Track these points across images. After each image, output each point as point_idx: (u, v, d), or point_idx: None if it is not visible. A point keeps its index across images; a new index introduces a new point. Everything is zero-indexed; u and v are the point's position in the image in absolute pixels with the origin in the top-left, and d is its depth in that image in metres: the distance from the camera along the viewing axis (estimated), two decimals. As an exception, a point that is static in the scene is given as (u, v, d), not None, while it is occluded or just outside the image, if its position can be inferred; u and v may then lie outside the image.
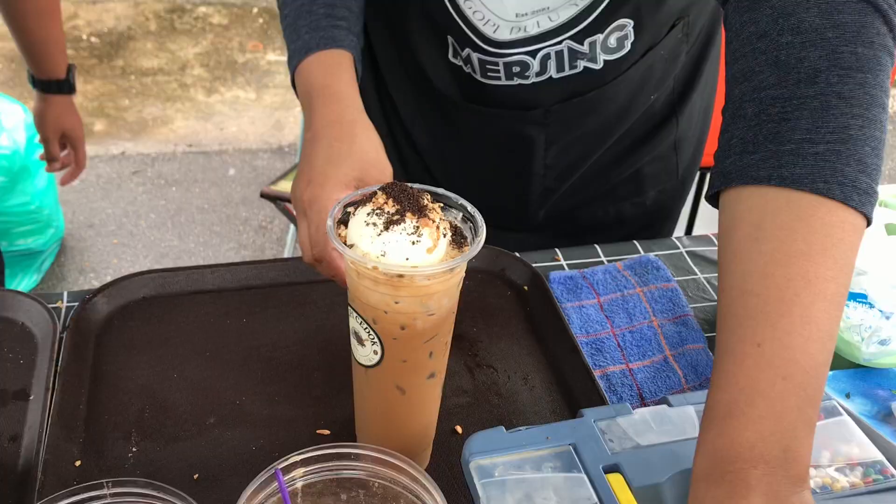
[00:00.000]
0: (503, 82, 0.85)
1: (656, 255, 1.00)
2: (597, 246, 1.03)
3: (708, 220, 2.23)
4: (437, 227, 0.60)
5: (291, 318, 0.88)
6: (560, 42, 0.82)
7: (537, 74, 0.84)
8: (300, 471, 0.59)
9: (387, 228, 0.58)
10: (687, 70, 0.96)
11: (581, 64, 0.83)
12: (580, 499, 0.59)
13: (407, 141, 1.04)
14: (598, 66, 0.83)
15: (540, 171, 0.96)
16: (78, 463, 0.71)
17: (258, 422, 0.76)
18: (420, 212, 0.59)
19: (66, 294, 0.90)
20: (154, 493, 0.56)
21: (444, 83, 0.90)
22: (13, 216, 2.24)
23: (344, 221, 0.62)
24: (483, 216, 0.61)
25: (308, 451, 0.59)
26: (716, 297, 0.97)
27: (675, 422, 0.66)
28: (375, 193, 0.60)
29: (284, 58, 3.73)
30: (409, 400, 0.67)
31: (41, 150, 2.32)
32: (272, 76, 3.64)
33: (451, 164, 1.00)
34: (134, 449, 0.73)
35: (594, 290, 0.95)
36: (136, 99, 3.40)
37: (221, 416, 0.77)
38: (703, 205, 2.17)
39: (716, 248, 1.05)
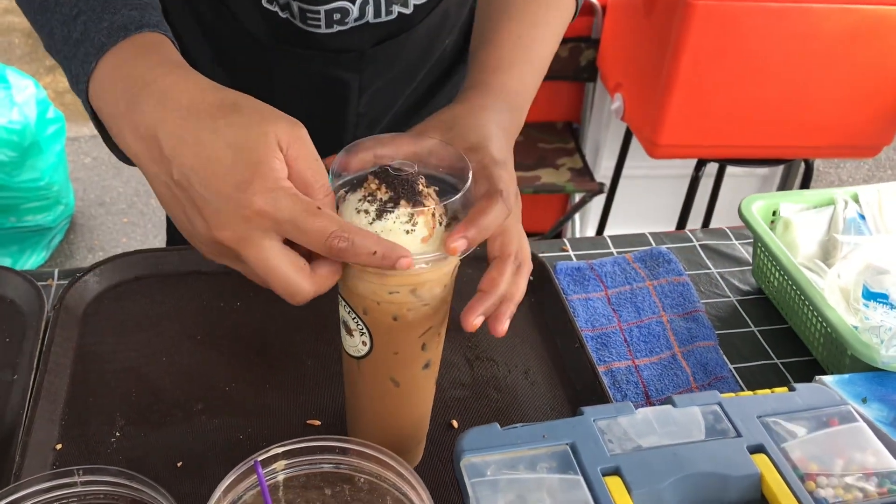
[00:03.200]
0: (323, 30, 0.85)
1: (668, 248, 0.96)
2: (606, 237, 1.00)
3: (725, 214, 2.18)
4: (433, 215, 0.56)
5: (287, 303, 0.85)
6: None
7: (356, 20, 0.85)
8: (282, 463, 0.57)
9: (379, 217, 0.55)
10: (470, 19, 0.99)
11: (395, 9, 0.85)
12: (576, 502, 0.56)
13: None
14: (409, 10, 0.86)
15: (353, 120, 0.96)
16: (59, 446, 0.69)
17: (247, 410, 0.74)
18: (415, 199, 0.56)
19: (56, 272, 0.87)
20: (126, 483, 0.53)
21: (258, 28, 0.88)
22: (23, 192, 2.22)
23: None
24: None
25: (291, 444, 0.56)
26: (729, 293, 0.93)
27: (680, 423, 0.62)
28: (367, 178, 0.57)
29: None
30: (402, 392, 0.64)
31: (53, 126, 2.31)
32: (289, 58, 3.61)
33: None
34: (117, 433, 0.71)
35: (602, 283, 0.91)
36: (151, 77, 3.38)
37: (210, 402, 0.74)
38: (721, 199, 2.13)
39: (732, 242, 1.01)
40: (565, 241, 0.99)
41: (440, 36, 0.95)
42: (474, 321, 0.58)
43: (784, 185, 2.30)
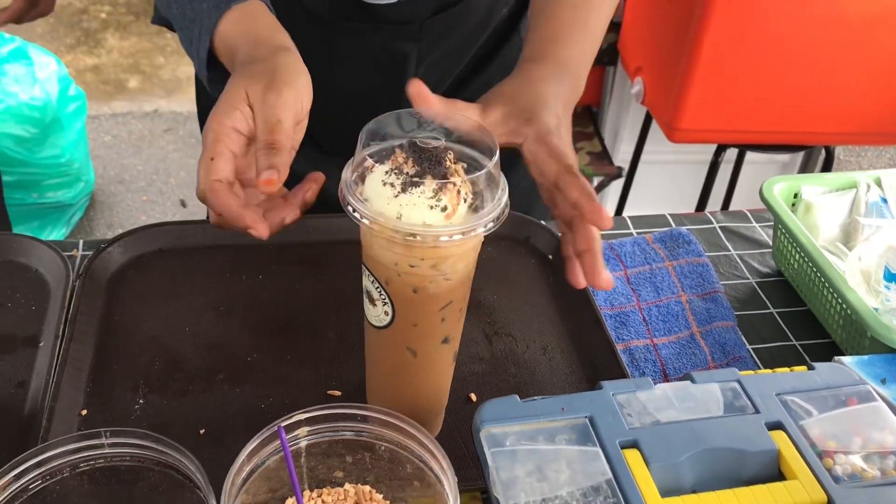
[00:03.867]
0: (383, 1, 0.86)
1: (688, 230, 0.96)
2: (626, 217, 1.00)
3: (745, 197, 2.17)
4: (458, 192, 0.57)
5: (308, 276, 0.86)
6: None
7: None
8: (304, 430, 0.57)
9: (404, 190, 0.56)
10: None
11: None
12: (594, 473, 0.57)
13: None
14: None
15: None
16: (84, 412, 0.70)
17: (268, 380, 0.75)
18: (440, 174, 0.56)
19: (81, 243, 0.89)
20: (152, 445, 0.54)
21: (320, 6, 0.90)
22: (44, 168, 2.24)
23: (362, 178, 0.60)
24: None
25: (313, 410, 0.57)
26: (749, 275, 0.93)
27: (698, 399, 0.63)
28: (394, 151, 0.58)
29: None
30: (420, 363, 0.65)
31: (74, 103, 2.33)
32: (308, 39, 3.60)
33: (317, 97, 1.01)
34: (141, 401, 0.72)
35: (622, 262, 0.91)
36: (171, 57, 3.39)
37: (231, 372, 0.75)
38: (741, 182, 2.12)
39: (752, 224, 1.01)
40: (585, 220, 0.99)
41: (497, 4, 0.96)
42: (605, 274, 0.61)
43: (804, 172, 2.29)
